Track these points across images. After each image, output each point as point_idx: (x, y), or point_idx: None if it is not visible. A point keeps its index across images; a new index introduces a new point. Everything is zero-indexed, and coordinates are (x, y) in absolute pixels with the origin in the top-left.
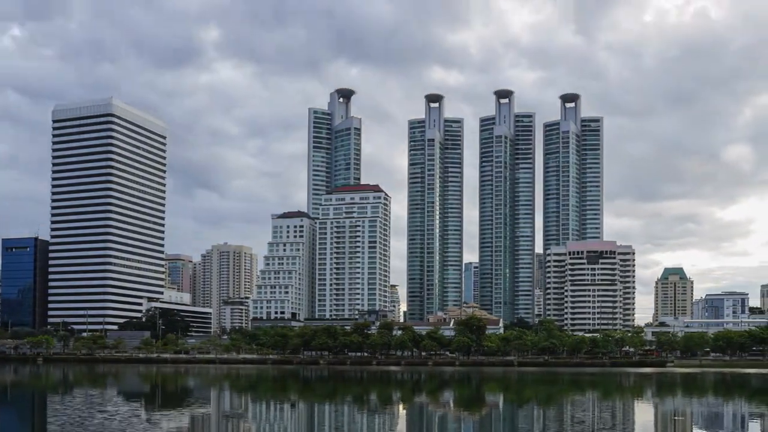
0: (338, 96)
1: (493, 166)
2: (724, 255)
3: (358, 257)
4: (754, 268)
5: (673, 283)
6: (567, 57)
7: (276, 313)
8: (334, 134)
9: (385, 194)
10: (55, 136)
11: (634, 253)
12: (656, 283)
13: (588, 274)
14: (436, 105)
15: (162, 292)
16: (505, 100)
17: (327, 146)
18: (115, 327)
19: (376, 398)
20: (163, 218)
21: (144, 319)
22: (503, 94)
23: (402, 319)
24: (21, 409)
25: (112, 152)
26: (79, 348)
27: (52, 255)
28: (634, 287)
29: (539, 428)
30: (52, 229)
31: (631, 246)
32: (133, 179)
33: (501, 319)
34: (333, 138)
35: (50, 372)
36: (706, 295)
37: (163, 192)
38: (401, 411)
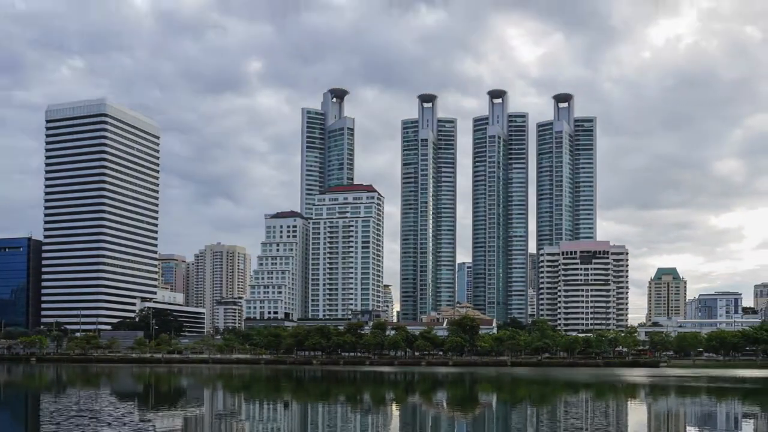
0: (331, 96)
1: (487, 166)
2: (719, 259)
3: (352, 257)
4: (749, 270)
5: (667, 283)
6: (573, 86)
7: (269, 313)
8: (327, 134)
9: (379, 194)
10: (48, 136)
11: (627, 253)
12: (649, 283)
13: (581, 274)
14: (429, 105)
15: (155, 292)
16: (498, 101)
17: (320, 146)
18: (109, 327)
19: (370, 398)
20: (156, 218)
21: (137, 319)
22: (496, 95)
23: (395, 319)
24: (14, 409)
25: (106, 152)
26: (72, 348)
27: (45, 255)
28: (627, 287)
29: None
30: (46, 229)
31: (624, 246)
32: (127, 179)
33: (494, 319)
34: (326, 138)
35: (43, 372)
36: (700, 295)
37: (157, 192)
38: (394, 411)
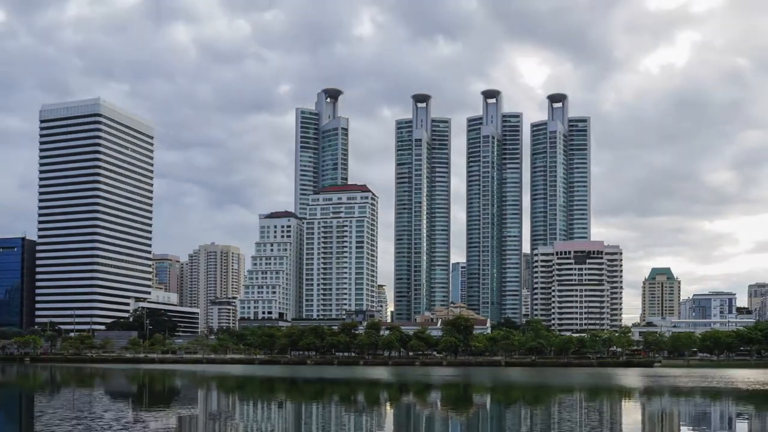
0: (325, 96)
1: (481, 166)
2: (714, 261)
3: (346, 257)
4: (743, 272)
5: (661, 283)
6: (577, 106)
7: (263, 313)
8: (321, 134)
9: (373, 194)
10: (42, 136)
11: (621, 253)
12: (644, 283)
13: (575, 274)
14: (423, 105)
15: (149, 292)
16: (492, 100)
17: (314, 146)
18: (103, 327)
19: (364, 398)
20: (150, 218)
21: (131, 319)
22: (490, 94)
23: (389, 319)
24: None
25: (100, 152)
26: (66, 348)
27: (39, 255)
28: (621, 287)
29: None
30: (40, 229)
31: (618, 246)
32: (121, 179)
33: (488, 319)
34: (320, 138)
35: (37, 372)
36: (694, 295)
37: (151, 191)
38: (388, 410)
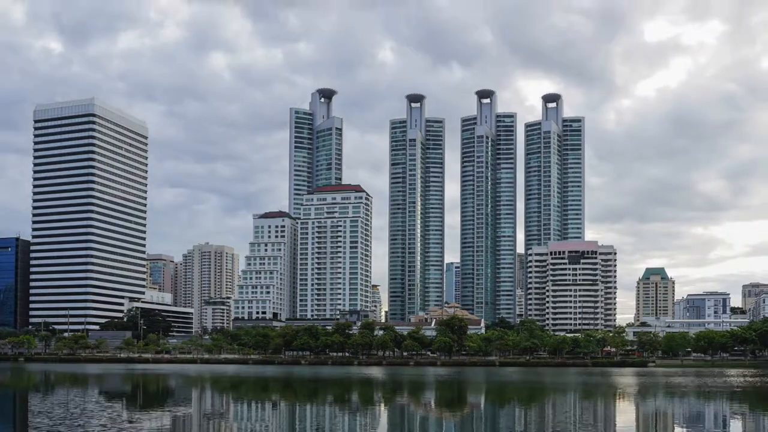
0: (320, 96)
1: (475, 167)
2: (709, 264)
3: (340, 257)
4: (738, 274)
5: (655, 283)
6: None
7: (257, 313)
8: (315, 134)
9: (367, 194)
10: (36, 136)
11: (615, 253)
12: (638, 283)
13: (569, 274)
14: (418, 105)
15: (143, 292)
16: (486, 100)
17: (308, 146)
18: (97, 327)
19: (358, 398)
20: (144, 218)
21: (125, 319)
22: (484, 94)
23: (383, 320)
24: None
25: (94, 152)
26: (60, 348)
27: (33, 255)
28: (615, 287)
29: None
30: (34, 229)
31: (612, 246)
32: (115, 179)
33: (482, 319)
34: (314, 138)
35: (31, 372)
36: (688, 295)
37: (145, 192)
38: (382, 410)
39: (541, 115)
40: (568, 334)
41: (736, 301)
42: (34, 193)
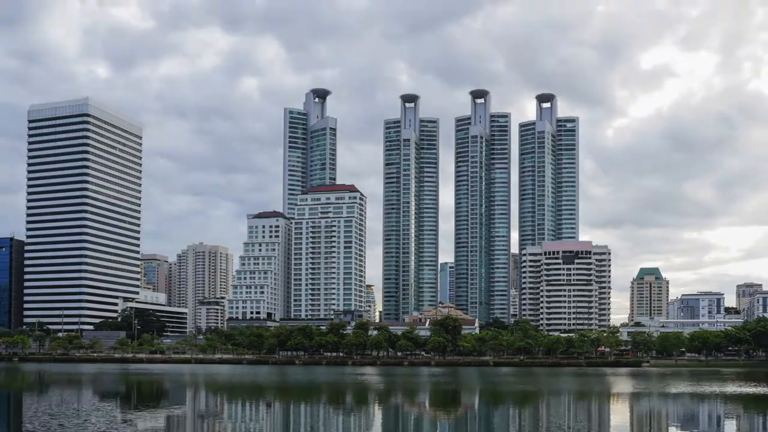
0: (314, 96)
1: (469, 167)
2: (704, 267)
3: (334, 257)
4: (733, 275)
5: (649, 283)
6: (583, 144)
7: (252, 313)
8: (309, 134)
9: (361, 194)
10: (30, 136)
11: (609, 253)
12: (632, 283)
13: (563, 274)
14: (412, 105)
15: (138, 292)
16: (480, 100)
17: (302, 146)
18: (91, 327)
19: (352, 398)
20: (138, 218)
21: (120, 319)
22: (479, 94)
23: (378, 320)
24: None
25: (88, 152)
26: (54, 348)
27: (27, 255)
28: (609, 287)
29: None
30: (28, 229)
31: (607, 246)
32: (109, 179)
33: (477, 319)
34: (308, 138)
35: (25, 372)
36: (682, 295)
37: (139, 192)
38: (376, 411)
39: (535, 115)
40: (563, 334)
41: (731, 301)
42: (29, 193)
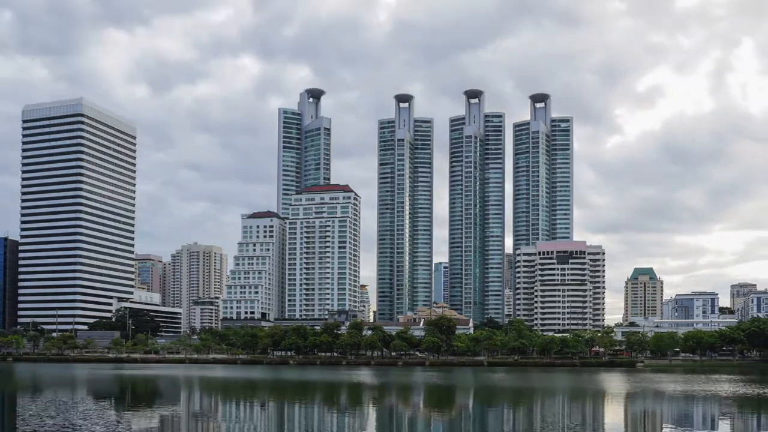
0: (308, 96)
1: (463, 166)
2: (698, 269)
3: (328, 257)
4: (727, 276)
5: (643, 283)
6: (576, 153)
7: (246, 313)
8: (304, 134)
9: (355, 194)
10: (25, 136)
11: (603, 253)
12: (626, 282)
13: (558, 274)
14: (406, 105)
15: (132, 292)
16: (474, 100)
17: (297, 146)
18: (85, 327)
19: (346, 398)
20: (133, 218)
21: (114, 319)
22: (473, 94)
23: (372, 320)
24: None
25: (82, 152)
26: (49, 348)
27: (22, 255)
28: (603, 287)
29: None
30: (22, 229)
31: (601, 246)
32: (104, 179)
33: (471, 319)
34: (303, 138)
35: (20, 372)
36: (676, 295)
37: (133, 191)
38: (370, 411)
39: (529, 115)
40: (557, 334)
41: (725, 301)
42: (23, 193)
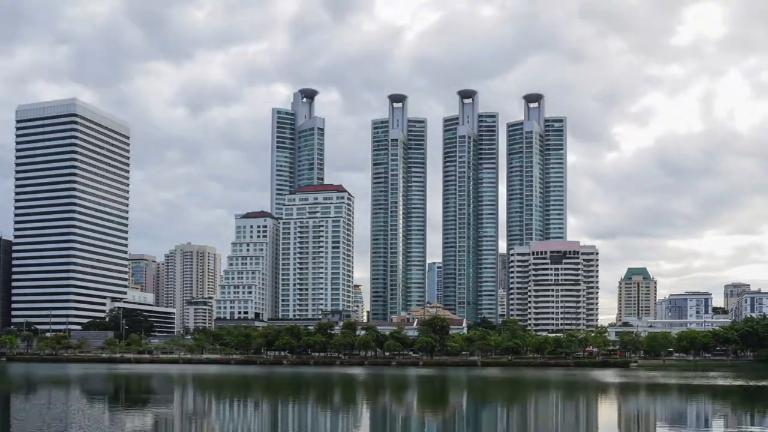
0: (302, 96)
1: (457, 166)
2: (692, 272)
3: (322, 257)
4: (719, 279)
5: (637, 283)
6: (574, 165)
7: (239, 313)
8: (297, 134)
9: (349, 194)
10: (18, 136)
11: (597, 253)
12: (620, 282)
13: (551, 274)
14: (400, 105)
15: (125, 292)
16: (468, 101)
17: (290, 146)
18: (79, 327)
19: (339, 397)
20: (126, 218)
21: (107, 319)
22: (466, 94)
23: (365, 320)
24: None
25: (76, 152)
26: (42, 348)
27: (15, 255)
28: (597, 287)
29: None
30: (16, 229)
31: (594, 246)
32: (97, 179)
33: (464, 319)
34: (296, 138)
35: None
36: (670, 295)
37: (127, 191)
38: (364, 410)
39: (523, 115)
40: (550, 334)
41: (718, 302)
42: (16, 193)
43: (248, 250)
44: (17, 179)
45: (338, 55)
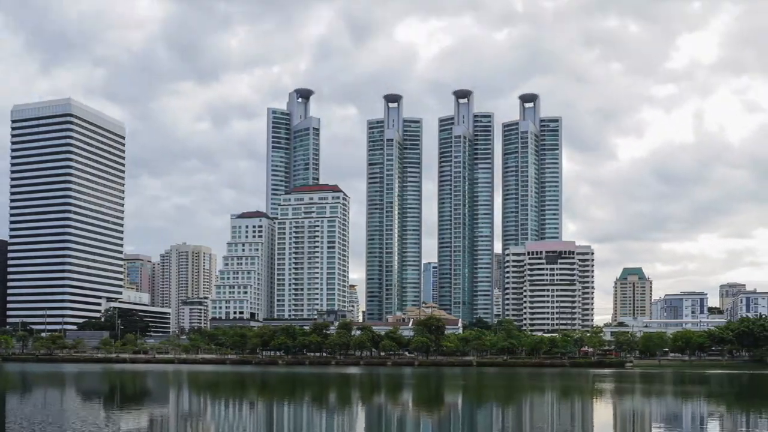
0: (297, 96)
1: (452, 166)
2: (686, 273)
3: (317, 257)
4: (714, 280)
5: (632, 283)
6: (572, 175)
7: (235, 313)
8: (293, 134)
9: (344, 194)
10: (13, 136)
11: (592, 253)
12: (615, 282)
13: (547, 274)
14: (395, 105)
15: (121, 292)
16: (464, 100)
17: (286, 146)
18: (74, 327)
19: (335, 398)
20: (122, 218)
21: (103, 319)
22: (462, 94)
23: (361, 319)
24: None
25: (71, 152)
26: (38, 348)
27: (10, 255)
28: (593, 287)
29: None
30: (11, 229)
31: (590, 246)
32: (92, 179)
33: (460, 319)
34: (292, 138)
35: (9, 372)
36: (665, 295)
37: (122, 191)
38: (359, 410)
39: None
40: (546, 335)
41: (714, 302)
42: (12, 193)
43: (244, 250)
44: (12, 179)
45: (359, 75)
